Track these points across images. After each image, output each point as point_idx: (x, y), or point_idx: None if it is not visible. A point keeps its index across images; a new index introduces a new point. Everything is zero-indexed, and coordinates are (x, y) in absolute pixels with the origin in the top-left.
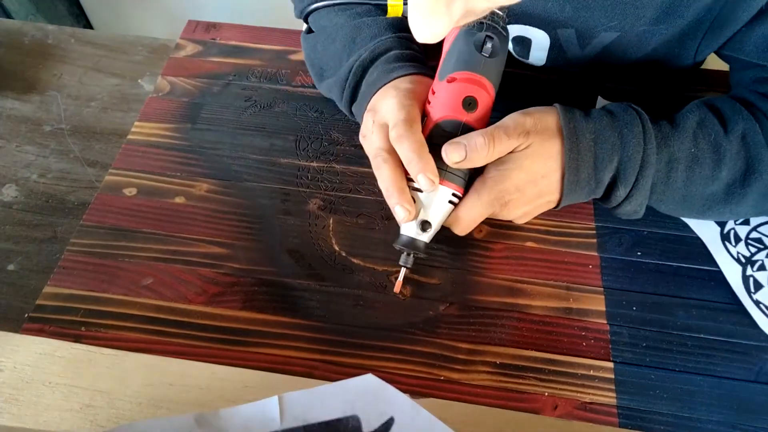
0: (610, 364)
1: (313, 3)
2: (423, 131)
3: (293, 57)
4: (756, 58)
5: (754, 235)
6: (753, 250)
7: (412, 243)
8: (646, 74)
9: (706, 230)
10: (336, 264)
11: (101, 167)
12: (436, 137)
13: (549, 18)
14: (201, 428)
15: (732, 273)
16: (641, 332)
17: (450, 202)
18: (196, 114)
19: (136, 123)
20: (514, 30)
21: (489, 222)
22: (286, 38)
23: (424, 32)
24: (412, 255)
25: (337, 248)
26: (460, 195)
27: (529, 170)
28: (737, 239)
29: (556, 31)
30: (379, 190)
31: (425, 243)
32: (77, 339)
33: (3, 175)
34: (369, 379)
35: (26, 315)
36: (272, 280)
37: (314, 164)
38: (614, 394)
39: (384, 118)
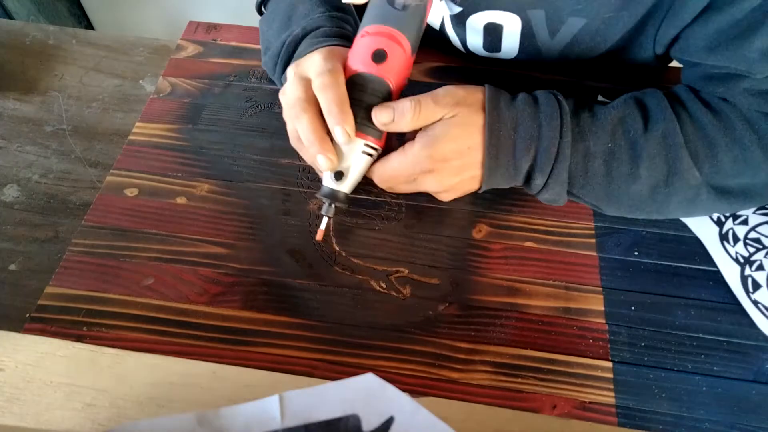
0: (609, 364)
1: None
2: None
3: None
4: (699, 59)
5: (752, 235)
6: (751, 250)
7: (331, 193)
8: (613, 68)
9: (704, 230)
10: (336, 264)
11: (103, 168)
12: (349, 91)
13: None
14: (202, 427)
15: (730, 273)
16: (640, 332)
17: (365, 153)
18: (197, 115)
19: (138, 123)
20: (484, 17)
21: (488, 222)
22: None
23: None
24: (333, 205)
25: (337, 248)
26: (378, 147)
27: (457, 140)
28: (736, 239)
29: (526, 12)
30: (379, 190)
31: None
32: (79, 339)
33: (4, 175)
34: (369, 378)
35: (28, 315)
36: (273, 280)
37: None
38: (613, 394)
39: (306, 71)
